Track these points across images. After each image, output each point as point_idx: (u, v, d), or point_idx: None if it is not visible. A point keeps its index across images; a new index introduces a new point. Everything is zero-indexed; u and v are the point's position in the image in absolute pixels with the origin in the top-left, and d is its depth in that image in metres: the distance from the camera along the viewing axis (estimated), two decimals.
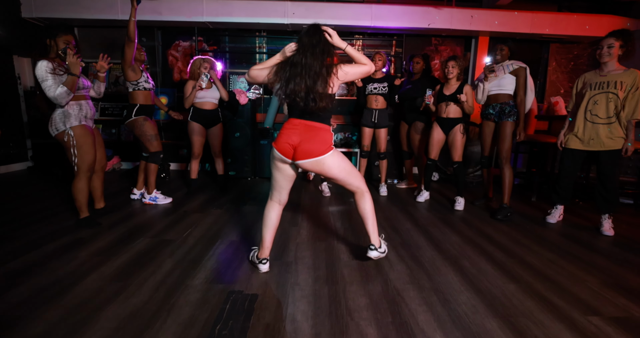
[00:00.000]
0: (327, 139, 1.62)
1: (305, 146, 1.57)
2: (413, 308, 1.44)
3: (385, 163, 3.49)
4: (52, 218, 2.49)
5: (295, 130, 1.59)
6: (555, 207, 2.68)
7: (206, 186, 3.68)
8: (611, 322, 1.38)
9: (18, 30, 4.17)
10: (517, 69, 2.68)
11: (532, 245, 2.19)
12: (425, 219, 2.69)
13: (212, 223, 2.49)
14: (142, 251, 1.97)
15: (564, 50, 4.62)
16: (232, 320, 1.34)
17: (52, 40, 2.11)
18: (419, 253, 2.01)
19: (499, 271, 1.80)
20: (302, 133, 1.58)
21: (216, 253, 1.96)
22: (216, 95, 3.22)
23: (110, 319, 1.33)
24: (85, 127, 2.29)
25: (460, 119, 2.88)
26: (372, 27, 4.07)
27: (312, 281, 1.65)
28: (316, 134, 1.59)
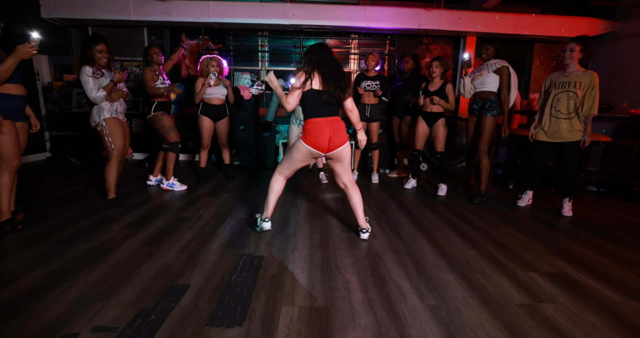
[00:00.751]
0: (344, 128, 2.03)
1: (336, 138, 1.96)
2: (389, 265, 1.80)
3: (377, 153, 3.83)
4: (82, 200, 2.85)
5: (325, 127, 1.94)
6: (525, 192, 3.03)
7: (214, 174, 4.03)
8: (544, 275, 1.74)
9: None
10: (499, 68, 2.97)
11: (499, 223, 2.54)
12: (410, 203, 3.04)
13: (222, 204, 2.85)
14: (164, 225, 2.32)
15: (547, 49, 4.93)
16: (244, 272, 1.70)
17: (89, 52, 2.47)
18: (400, 228, 2.37)
19: (465, 242, 2.15)
20: (331, 127, 1.95)
21: (227, 227, 2.31)
22: (223, 91, 3.55)
23: (149, 271, 1.69)
24: (116, 119, 2.62)
25: (442, 113, 3.21)
26: (367, 27, 4.37)
27: (308, 247, 2.01)
28: (340, 126, 2.00)
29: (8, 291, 1.48)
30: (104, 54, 2.53)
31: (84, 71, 2.46)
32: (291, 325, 1.30)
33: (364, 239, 2.13)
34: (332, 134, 1.96)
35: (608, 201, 3.25)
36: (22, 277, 1.60)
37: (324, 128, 1.95)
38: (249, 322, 1.32)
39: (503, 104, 3.00)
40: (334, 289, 1.56)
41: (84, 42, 2.54)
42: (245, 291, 1.53)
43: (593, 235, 2.35)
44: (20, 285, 1.53)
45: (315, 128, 1.96)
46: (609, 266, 1.86)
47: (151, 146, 4.72)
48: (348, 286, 1.58)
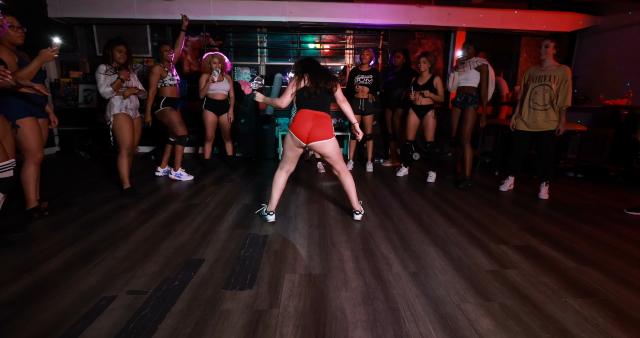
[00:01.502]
0: (330, 125, 2.21)
1: (316, 131, 2.14)
2: (378, 242, 2.05)
3: (372, 143, 4.06)
4: (97, 190, 3.08)
5: (308, 119, 2.15)
6: (507, 178, 3.28)
7: (217, 165, 4.26)
8: (513, 248, 1.99)
9: (44, 28, 4.64)
10: (480, 66, 3.21)
11: (481, 205, 2.80)
12: (401, 189, 3.29)
13: (227, 192, 3.08)
14: (176, 211, 2.56)
15: (533, 43, 5.12)
16: (251, 248, 1.94)
17: (110, 51, 2.69)
18: (390, 211, 2.62)
19: (447, 221, 2.41)
20: (314, 120, 2.15)
21: (234, 212, 2.55)
22: (226, 87, 3.75)
23: (167, 248, 1.93)
24: (125, 115, 2.83)
25: (431, 105, 3.43)
26: (361, 24, 4.55)
27: (307, 228, 2.26)
28: (324, 122, 2.18)
29: (49, 266, 1.72)
30: (123, 54, 2.76)
31: (99, 69, 2.69)
32: (293, 288, 1.55)
33: (357, 220, 2.38)
34: (314, 127, 2.13)
35: (584, 186, 3.51)
36: (57, 254, 1.84)
37: (308, 118, 2.14)
38: (257, 286, 1.57)
39: (482, 98, 3.24)
40: (330, 260, 1.81)
41: (107, 43, 2.77)
42: (253, 263, 1.77)
43: (563, 214, 2.61)
44: (57, 261, 1.77)
45: (300, 117, 2.16)
46: (571, 240, 2.12)
47: (156, 140, 4.93)
48: (342, 258, 1.83)
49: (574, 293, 1.53)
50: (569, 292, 1.54)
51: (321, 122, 2.16)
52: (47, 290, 1.50)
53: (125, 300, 1.43)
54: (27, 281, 1.57)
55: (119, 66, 2.81)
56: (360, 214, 2.37)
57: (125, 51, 2.78)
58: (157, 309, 1.38)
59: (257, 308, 1.40)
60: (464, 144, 3.29)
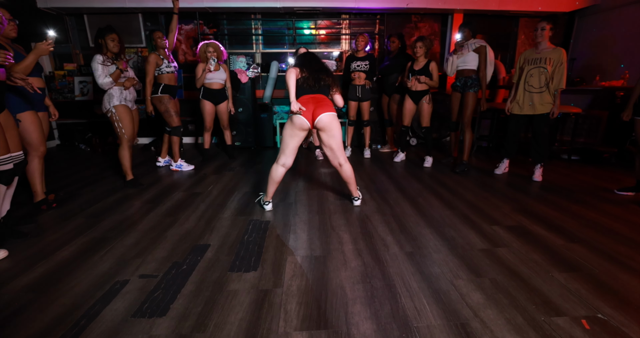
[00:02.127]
0: (331, 104, 2.25)
1: (319, 109, 2.17)
2: (375, 224, 2.14)
3: (369, 129, 4.10)
4: (102, 181, 3.14)
5: (309, 101, 2.18)
6: (502, 161, 3.34)
7: (217, 155, 4.31)
8: (505, 228, 2.08)
9: (34, 18, 4.57)
10: (478, 47, 3.20)
11: (475, 188, 2.87)
12: (398, 174, 3.36)
13: (228, 181, 3.15)
14: (180, 200, 2.64)
15: (531, 24, 5.07)
16: (254, 233, 2.03)
17: (102, 40, 2.68)
18: (387, 195, 2.70)
19: (443, 204, 2.49)
20: (315, 102, 2.18)
21: (236, 200, 2.63)
22: (223, 76, 3.75)
23: (174, 235, 2.01)
24: (125, 106, 2.85)
25: (426, 91, 3.45)
26: (357, 8, 4.50)
27: (307, 213, 2.34)
28: (325, 102, 2.22)
29: (62, 253, 1.80)
30: (116, 42, 2.75)
31: (95, 59, 2.68)
32: (295, 269, 1.64)
33: (356, 205, 2.46)
34: (316, 107, 2.16)
35: (578, 168, 3.58)
36: (70, 243, 1.92)
37: (310, 101, 2.18)
38: (262, 268, 1.66)
39: (481, 81, 3.25)
40: (329, 243, 1.89)
41: (98, 32, 2.74)
42: (256, 247, 1.86)
43: (555, 196, 2.69)
44: (70, 249, 1.85)
45: (301, 102, 2.18)
46: (561, 220, 2.21)
47: (155, 131, 4.96)
48: (341, 241, 1.92)
49: (560, 268, 1.63)
50: (555, 267, 1.64)
51: (323, 103, 2.19)
52: (64, 275, 1.59)
53: (138, 284, 1.52)
54: (44, 268, 1.65)
55: (113, 55, 2.81)
56: (359, 200, 2.45)
57: (118, 39, 2.78)
58: (168, 291, 1.47)
59: (262, 288, 1.49)
60: (464, 128, 3.34)
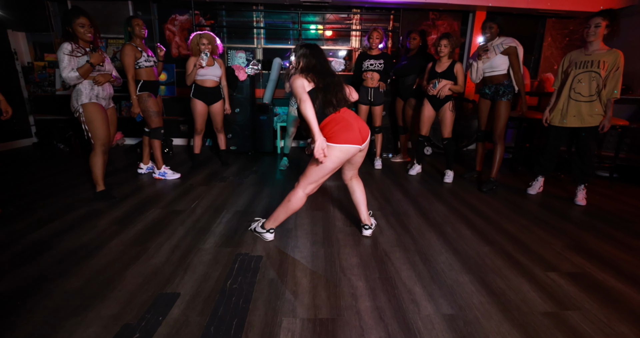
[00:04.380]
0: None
1: (362, 124, 1.73)
2: (398, 266, 1.66)
3: (381, 137, 3.63)
4: (68, 191, 2.67)
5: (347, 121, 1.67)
6: (537, 179, 2.87)
7: (209, 160, 3.84)
8: (565, 276, 1.61)
9: (12, 3, 4.11)
10: (507, 48, 2.74)
11: (510, 213, 2.40)
12: (416, 190, 2.89)
13: (217, 194, 2.68)
14: (155, 220, 2.16)
15: (559, 25, 4.61)
16: (240, 276, 1.55)
17: (70, 27, 2.24)
18: (407, 221, 2.23)
19: (477, 236, 2.02)
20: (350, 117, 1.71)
21: (223, 222, 2.16)
22: (217, 73, 3.28)
23: (135, 276, 1.54)
24: (96, 105, 2.39)
25: (450, 96, 2.99)
26: (370, 1, 4.04)
27: (310, 245, 1.87)
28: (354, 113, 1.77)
29: None
30: (87, 28, 2.29)
31: (62, 48, 2.23)
32: None
33: (366, 236, 1.99)
34: (359, 121, 1.73)
35: (620, 188, 3.11)
36: None
37: (348, 118, 1.69)
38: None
39: (518, 86, 2.77)
40: (340, 296, 1.42)
41: (63, 18, 2.29)
42: (241, 300, 1.39)
43: (610, 226, 2.22)
44: None
45: (340, 121, 1.67)
46: (633, 264, 1.74)
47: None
48: (355, 293, 1.45)
49: None
50: None
51: (355, 115, 1.76)
52: None
53: None
54: None
55: (91, 45, 2.35)
56: (371, 229, 1.98)
57: (89, 23, 2.31)
58: None
59: None
60: (496, 141, 2.86)
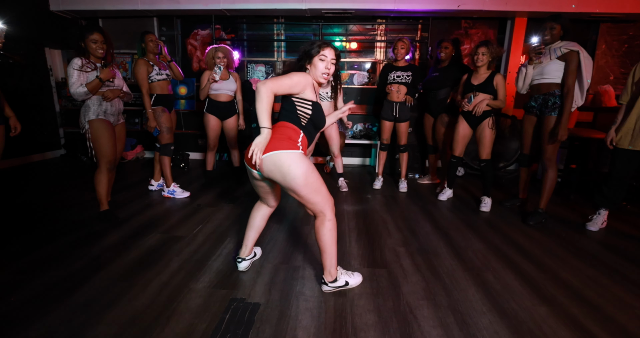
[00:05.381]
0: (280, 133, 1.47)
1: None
2: (426, 330, 1.31)
3: (406, 156, 3.29)
4: (73, 209, 2.56)
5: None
6: (599, 213, 2.39)
7: (223, 176, 3.67)
8: None
9: (47, 23, 4.28)
10: (567, 53, 2.31)
11: (569, 257, 1.96)
12: (447, 220, 2.50)
13: (223, 218, 2.46)
14: (151, 247, 1.96)
15: (616, 30, 4.08)
16: (230, 333, 1.28)
17: (83, 42, 2.19)
18: (437, 262, 1.86)
19: (528, 289, 1.61)
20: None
21: (223, 254, 1.91)
22: (232, 87, 3.13)
23: (110, 324, 1.31)
24: (103, 121, 2.28)
25: (489, 112, 2.61)
26: (396, 10, 3.78)
27: (318, 290, 1.56)
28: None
29: None
30: (99, 44, 2.21)
31: (72, 63, 2.16)
32: None
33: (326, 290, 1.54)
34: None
35: None
36: None
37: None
38: None
39: (565, 99, 2.32)
40: None
41: (77, 33, 2.23)
42: None
43: None
44: None
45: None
46: None
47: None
48: None
49: None
50: None
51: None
52: None
53: None
54: None
55: (102, 61, 2.27)
56: (328, 287, 1.52)
57: (102, 39, 2.22)
58: None
59: None
60: (545, 165, 2.43)
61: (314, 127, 1.51)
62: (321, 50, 1.46)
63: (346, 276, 1.49)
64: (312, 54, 1.47)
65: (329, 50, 1.47)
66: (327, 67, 1.48)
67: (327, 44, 1.49)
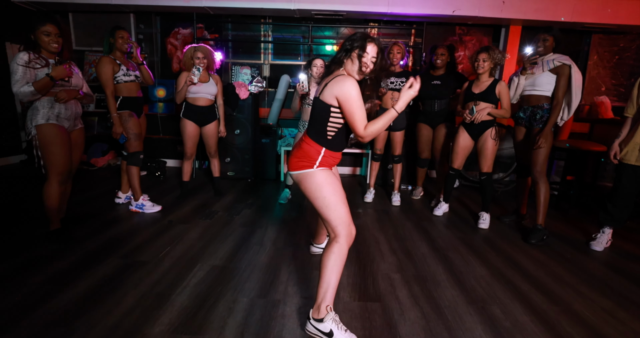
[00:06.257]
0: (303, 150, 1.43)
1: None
2: None
3: (400, 167, 3.09)
4: (22, 226, 2.23)
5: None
6: (602, 231, 2.24)
7: (202, 187, 3.38)
8: None
9: (9, 16, 3.92)
10: (559, 66, 2.21)
11: (579, 285, 1.77)
12: (444, 240, 2.29)
13: (196, 237, 2.18)
14: (105, 277, 1.66)
15: (607, 42, 4.04)
16: None
17: (33, 35, 1.90)
18: (437, 292, 1.64)
19: (541, 327, 1.41)
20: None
21: (191, 284, 1.63)
22: (212, 90, 2.87)
23: None
24: (54, 126, 1.98)
25: (491, 122, 2.44)
26: (389, 13, 3.61)
27: (300, 335, 1.31)
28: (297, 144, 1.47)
29: None
30: (53, 37, 1.92)
31: (16, 58, 1.85)
32: None
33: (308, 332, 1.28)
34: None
35: None
36: None
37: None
38: None
39: (552, 110, 2.23)
40: None
41: (28, 24, 1.93)
42: None
43: None
44: None
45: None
46: None
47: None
48: None
49: None
50: None
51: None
52: None
53: None
54: None
55: (57, 57, 1.98)
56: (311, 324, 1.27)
57: (57, 32, 1.94)
58: None
59: None
60: (536, 178, 2.29)
61: (346, 136, 1.40)
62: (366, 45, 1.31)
63: (335, 325, 1.24)
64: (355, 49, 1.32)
65: (372, 46, 1.32)
66: (367, 65, 1.33)
67: (371, 38, 1.33)
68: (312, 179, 1.32)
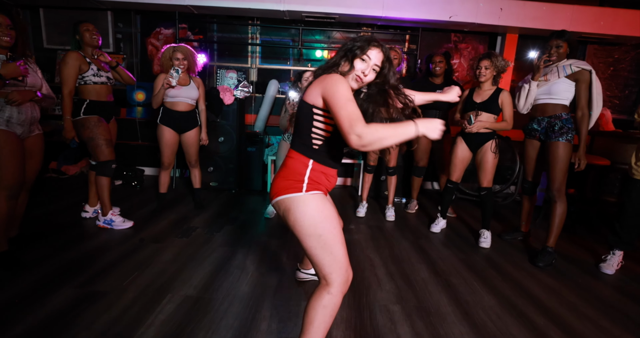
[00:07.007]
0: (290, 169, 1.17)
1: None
2: None
3: (395, 179, 2.90)
4: None
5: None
6: (613, 253, 2.09)
7: (181, 199, 3.10)
8: None
9: None
10: (577, 72, 2.05)
11: (599, 317, 1.60)
12: (445, 262, 2.10)
13: (170, 260, 1.92)
14: (53, 314, 1.39)
15: (602, 53, 4.00)
16: None
17: None
18: (443, 330, 1.43)
19: None
20: None
21: (157, 321, 1.38)
22: (193, 94, 2.64)
23: None
24: (4, 133, 1.71)
25: (492, 133, 2.28)
26: (384, 17, 3.46)
27: None
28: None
29: None
30: (4, 29, 1.68)
31: None
32: None
33: None
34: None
35: None
36: None
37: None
38: None
39: (580, 124, 2.08)
40: None
41: None
42: None
43: None
44: None
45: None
46: None
47: None
48: None
49: None
50: None
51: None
52: None
53: None
54: None
55: (9, 53, 1.73)
56: None
57: (8, 23, 1.69)
58: None
59: None
60: (553, 197, 2.11)
61: (337, 146, 1.13)
62: (368, 49, 1.07)
63: None
64: (354, 51, 1.08)
65: (376, 52, 1.09)
66: (365, 72, 1.08)
67: (377, 43, 1.10)
68: (303, 209, 1.04)
